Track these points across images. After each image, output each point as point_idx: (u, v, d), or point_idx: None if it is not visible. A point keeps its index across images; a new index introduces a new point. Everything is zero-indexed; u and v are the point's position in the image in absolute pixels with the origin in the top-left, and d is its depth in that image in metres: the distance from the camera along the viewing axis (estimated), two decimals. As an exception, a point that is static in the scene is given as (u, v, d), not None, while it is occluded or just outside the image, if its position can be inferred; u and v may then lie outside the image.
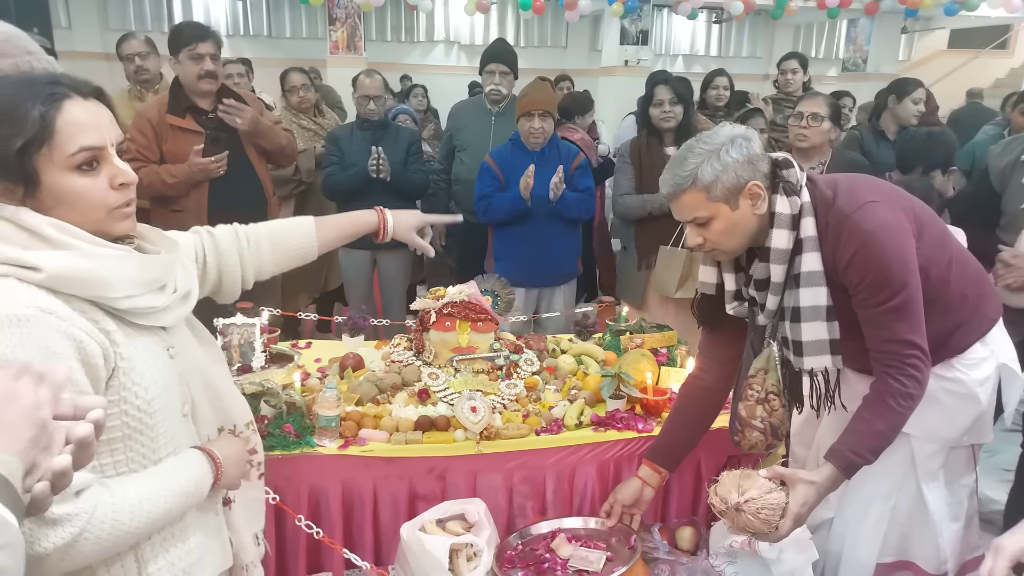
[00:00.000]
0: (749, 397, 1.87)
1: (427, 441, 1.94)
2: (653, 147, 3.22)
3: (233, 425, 1.37)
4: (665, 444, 1.97)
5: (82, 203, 1.07)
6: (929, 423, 1.78)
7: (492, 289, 2.44)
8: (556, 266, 3.31)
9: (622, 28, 9.36)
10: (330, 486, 1.88)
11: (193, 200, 2.95)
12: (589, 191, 3.26)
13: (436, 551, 1.69)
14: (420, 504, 1.93)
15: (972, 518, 1.95)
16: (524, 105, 3.16)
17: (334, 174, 3.51)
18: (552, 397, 2.21)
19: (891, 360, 1.63)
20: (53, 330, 1.01)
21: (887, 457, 1.69)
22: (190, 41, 2.88)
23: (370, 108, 3.54)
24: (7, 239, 1.03)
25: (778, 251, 1.66)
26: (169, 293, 1.18)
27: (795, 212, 1.65)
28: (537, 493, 2.02)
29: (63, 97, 1.04)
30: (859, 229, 1.61)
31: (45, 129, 1.02)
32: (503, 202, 3.16)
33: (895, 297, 1.60)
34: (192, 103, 2.97)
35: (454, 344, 2.29)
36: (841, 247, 1.63)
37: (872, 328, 1.65)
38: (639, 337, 2.48)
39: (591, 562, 1.78)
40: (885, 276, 1.60)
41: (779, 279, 1.69)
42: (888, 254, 1.61)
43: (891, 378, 1.63)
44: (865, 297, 1.63)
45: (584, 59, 11.54)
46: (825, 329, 1.68)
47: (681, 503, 2.14)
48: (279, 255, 1.54)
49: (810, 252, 1.66)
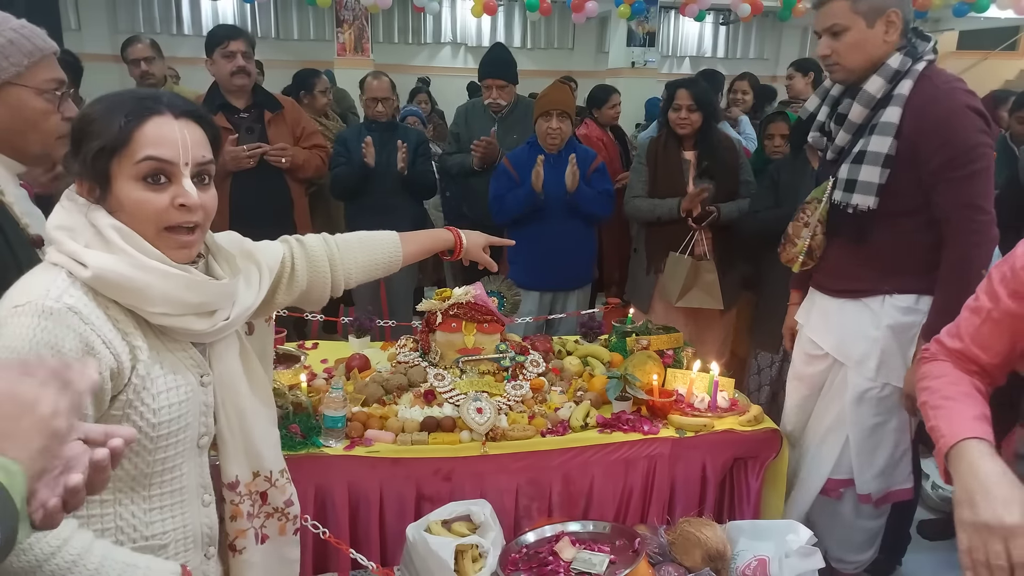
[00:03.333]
0: (799, 220, 2.16)
1: (433, 442, 1.94)
2: (671, 149, 3.19)
3: (269, 472, 1.32)
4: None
5: (139, 214, 1.08)
6: (849, 345, 2.11)
7: (498, 291, 2.45)
8: (571, 270, 3.28)
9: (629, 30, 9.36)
10: (336, 486, 1.89)
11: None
12: (607, 193, 3.24)
13: (442, 552, 1.69)
14: (426, 505, 1.94)
15: (904, 454, 2.20)
16: (542, 105, 3.14)
17: (340, 173, 3.52)
18: (558, 398, 2.20)
19: (959, 225, 1.86)
20: (69, 328, 1.02)
21: (838, 397, 2.14)
22: (222, 40, 3.01)
23: (378, 110, 3.55)
24: (74, 232, 1.07)
25: (867, 94, 1.92)
26: (219, 319, 1.16)
27: (901, 69, 1.89)
28: (543, 494, 2.02)
29: (153, 112, 1.08)
30: (948, 101, 1.86)
31: (123, 138, 1.06)
32: (516, 198, 3.14)
33: (974, 163, 1.83)
34: (225, 101, 3.07)
35: (460, 345, 2.29)
36: (920, 112, 1.86)
37: (943, 196, 1.87)
38: (645, 339, 2.48)
39: (594, 564, 1.78)
40: (966, 146, 1.83)
41: (857, 120, 1.96)
42: (970, 125, 1.84)
43: (955, 243, 1.87)
44: (943, 162, 1.85)
45: (591, 61, 11.53)
46: (878, 174, 1.91)
47: (686, 504, 2.14)
48: (368, 263, 1.50)
49: (894, 107, 1.89)
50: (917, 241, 1.98)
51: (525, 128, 3.56)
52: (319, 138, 3.36)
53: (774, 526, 1.94)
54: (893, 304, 2.05)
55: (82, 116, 1.10)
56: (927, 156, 1.87)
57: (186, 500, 1.18)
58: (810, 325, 2.25)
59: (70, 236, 1.06)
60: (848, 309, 2.13)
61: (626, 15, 8.36)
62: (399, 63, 10.40)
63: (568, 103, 3.18)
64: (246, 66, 3.02)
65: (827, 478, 2.23)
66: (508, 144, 3.58)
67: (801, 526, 1.89)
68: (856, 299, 2.11)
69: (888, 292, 2.05)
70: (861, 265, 2.07)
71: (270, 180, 3.11)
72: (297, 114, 3.29)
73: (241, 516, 1.29)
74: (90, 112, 1.09)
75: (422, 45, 11.27)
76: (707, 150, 3.13)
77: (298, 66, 4.67)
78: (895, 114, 1.90)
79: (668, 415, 2.13)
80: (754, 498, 2.13)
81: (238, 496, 1.28)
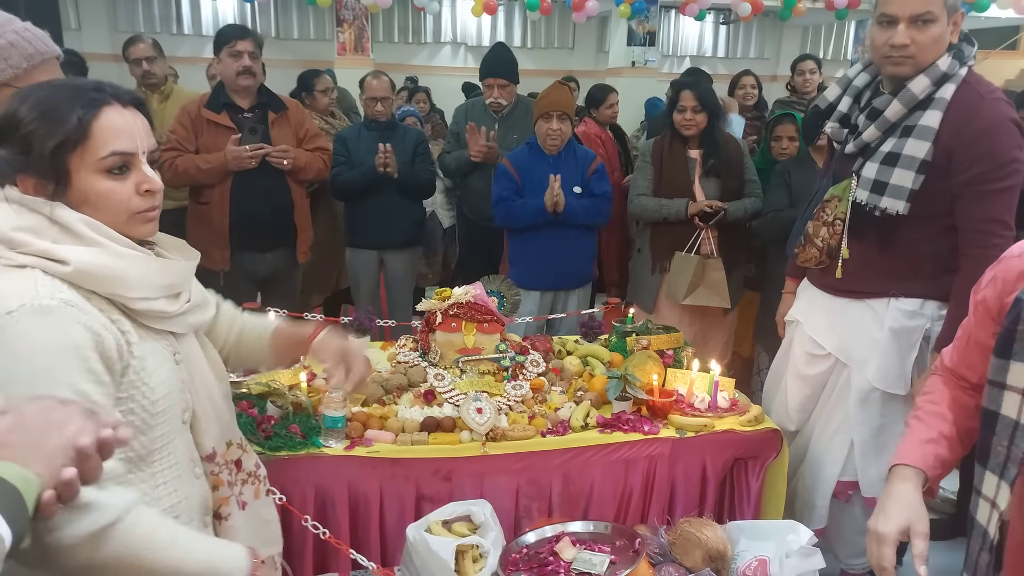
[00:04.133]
0: (819, 218, 2.10)
1: (433, 442, 1.94)
2: (676, 149, 3.18)
3: (240, 439, 1.40)
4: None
5: (107, 205, 1.11)
6: (856, 349, 2.10)
7: (498, 290, 2.44)
8: (571, 270, 3.28)
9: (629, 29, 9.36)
10: (336, 487, 1.89)
11: (217, 193, 3.06)
12: (605, 196, 3.25)
13: (442, 552, 1.69)
14: (426, 505, 1.94)
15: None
16: (542, 106, 3.14)
17: (341, 174, 3.52)
18: (558, 398, 2.20)
19: (982, 239, 1.84)
20: (75, 322, 1.04)
21: (842, 398, 2.15)
22: (229, 39, 3.03)
23: (377, 109, 3.55)
24: (38, 232, 1.07)
25: (910, 93, 1.87)
26: (183, 301, 1.22)
27: (949, 72, 1.85)
28: (543, 494, 2.02)
29: (102, 103, 1.09)
30: (991, 112, 1.84)
31: (81, 131, 1.06)
32: (525, 211, 3.13)
33: (1008, 179, 1.82)
34: (230, 100, 3.08)
35: (460, 345, 2.29)
36: (963, 121, 1.83)
37: (971, 207, 1.86)
38: (645, 339, 2.48)
39: (594, 565, 1.78)
40: (1004, 160, 1.81)
41: (893, 118, 1.91)
42: (1010, 140, 1.82)
43: (976, 256, 1.80)
44: (978, 174, 1.83)
45: (591, 60, 11.53)
46: (912, 179, 1.88)
47: (686, 504, 2.14)
48: (244, 356, 1.54)
49: (935, 111, 1.86)
50: (931, 247, 1.97)
51: (525, 128, 3.56)
52: (322, 140, 3.36)
53: (774, 526, 1.94)
54: (898, 307, 2.04)
55: (12, 114, 1.06)
56: (963, 166, 1.83)
57: (182, 475, 1.23)
58: (811, 324, 2.23)
59: (35, 236, 1.06)
60: (852, 309, 2.12)
61: (626, 15, 8.35)
62: (399, 63, 10.39)
63: (568, 104, 3.18)
64: (252, 66, 3.03)
65: (836, 480, 2.22)
66: (508, 144, 3.58)
67: (801, 526, 1.89)
68: (861, 300, 2.10)
69: (894, 295, 2.04)
70: (874, 267, 2.04)
71: (271, 181, 3.11)
72: (301, 116, 3.29)
73: (223, 484, 1.34)
74: (24, 110, 1.06)
75: (422, 45, 11.27)
76: (712, 149, 3.13)
77: (298, 66, 4.69)
78: (935, 118, 1.85)
79: (668, 415, 2.13)
80: (754, 498, 2.13)
81: (217, 467, 1.33)
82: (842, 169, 2.08)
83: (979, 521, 1.14)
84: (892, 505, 1.21)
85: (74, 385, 1.02)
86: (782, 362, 2.39)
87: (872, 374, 2.08)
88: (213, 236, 3.06)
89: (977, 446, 1.17)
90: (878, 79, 2.04)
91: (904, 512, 1.20)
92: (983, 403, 1.14)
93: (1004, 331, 1.09)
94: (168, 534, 1.03)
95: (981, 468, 1.13)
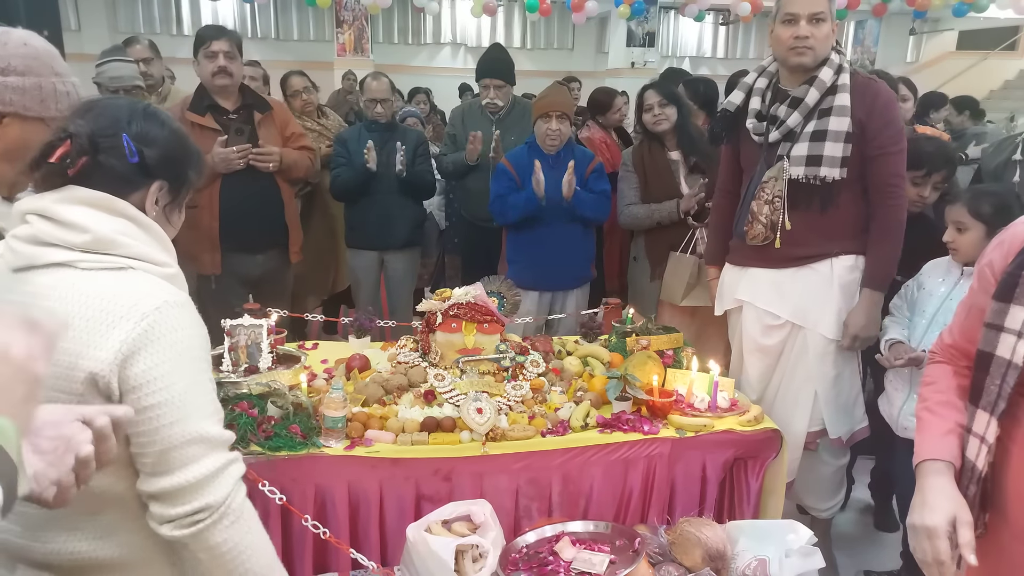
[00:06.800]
0: (760, 198, 2.37)
1: (433, 442, 1.94)
2: (656, 153, 3.20)
3: None
4: (715, 248, 2.70)
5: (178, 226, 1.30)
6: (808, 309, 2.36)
7: (498, 291, 2.45)
8: (570, 270, 3.29)
9: (629, 30, 9.39)
10: (336, 487, 1.89)
11: (205, 197, 3.01)
12: (605, 194, 3.25)
13: (442, 552, 1.69)
14: (426, 505, 1.94)
15: (857, 396, 2.50)
16: (542, 107, 3.15)
17: (341, 175, 3.52)
18: (558, 399, 2.21)
19: (892, 191, 2.26)
20: (196, 316, 1.16)
21: (801, 358, 2.39)
22: (205, 40, 3.00)
23: (377, 111, 3.55)
24: (132, 236, 1.14)
25: (822, 82, 2.26)
26: None
27: (842, 64, 2.28)
28: (543, 495, 2.02)
29: None
30: (884, 90, 2.29)
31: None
32: (517, 201, 3.14)
33: (901, 142, 2.27)
34: (214, 102, 3.04)
35: (460, 345, 2.29)
36: (869, 99, 2.25)
37: (881, 167, 2.26)
38: (645, 339, 2.48)
39: (594, 564, 1.78)
40: (899, 127, 2.28)
41: (812, 103, 2.27)
42: (898, 111, 2.32)
43: (891, 206, 2.26)
44: (885, 139, 2.24)
45: (591, 61, 11.55)
46: (842, 149, 2.24)
47: (686, 504, 2.14)
48: None
49: (843, 93, 2.25)
50: (857, 209, 2.32)
51: (523, 129, 3.56)
52: (305, 140, 3.33)
53: (774, 526, 1.94)
54: (840, 264, 2.34)
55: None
56: (872, 134, 2.24)
57: None
58: (763, 300, 2.43)
59: (132, 239, 1.14)
60: (800, 276, 2.37)
61: (626, 15, 8.37)
62: (399, 63, 10.41)
63: (567, 104, 3.18)
64: (227, 66, 2.98)
65: (807, 432, 2.45)
66: (506, 145, 3.58)
67: (801, 526, 1.89)
68: (805, 265, 2.36)
69: (836, 255, 2.34)
70: (816, 232, 2.32)
71: (259, 181, 3.07)
72: (286, 116, 3.26)
73: None
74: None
75: (422, 45, 11.28)
76: (689, 146, 3.14)
77: (298, 66, 4.67)
78: (846, 99, 2.25)
79: (668, 415, 2.13)
80: (754, 498, 2.13)
81: None
82: (770, 155, 2.37)
83: (968, 457, 1.24)
84: (934, 499, 1.22)
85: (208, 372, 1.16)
86: (736, 347, 2.62)
87: (827, 328, 2.34)
88: (203, 240, 3.01)
89: (970, 387, 1.25)
90: (774, 81, 2.40)
91: (948, 504, 1.21)
92: (978, 347, 1.23)
93: (1007, 276, 1.19)
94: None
95: (972, 407, 1.24)
